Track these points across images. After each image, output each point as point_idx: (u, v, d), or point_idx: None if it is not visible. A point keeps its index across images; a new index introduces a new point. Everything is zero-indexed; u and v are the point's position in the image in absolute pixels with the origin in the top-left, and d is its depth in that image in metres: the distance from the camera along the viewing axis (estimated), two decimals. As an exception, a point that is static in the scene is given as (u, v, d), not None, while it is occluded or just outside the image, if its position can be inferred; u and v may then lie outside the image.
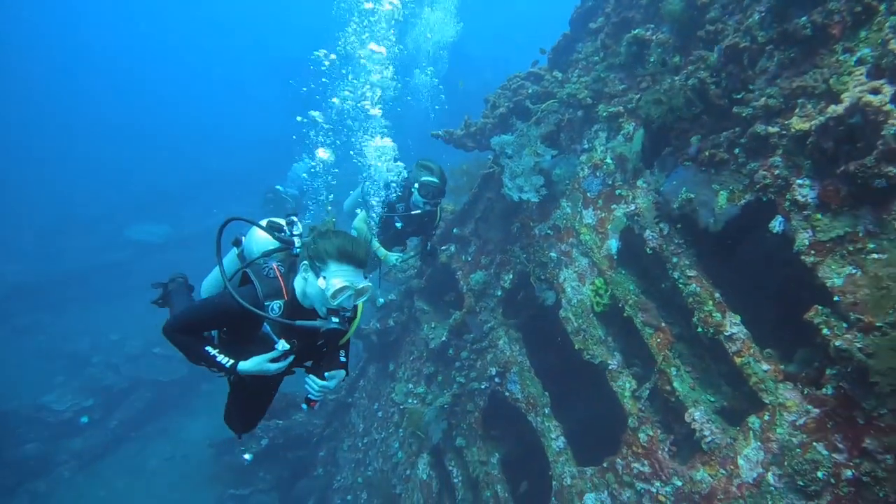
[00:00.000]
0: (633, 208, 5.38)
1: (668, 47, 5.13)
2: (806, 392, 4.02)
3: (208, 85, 35.05)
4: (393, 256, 6.34)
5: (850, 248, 3.81)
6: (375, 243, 6.26)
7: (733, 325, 4.49)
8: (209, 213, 21.70)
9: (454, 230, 8.12)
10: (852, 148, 3.80)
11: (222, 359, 2.96)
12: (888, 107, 3.56)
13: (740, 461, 4.31)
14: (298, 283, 3.03)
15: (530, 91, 6.44)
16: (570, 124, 6.25)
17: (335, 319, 2.92)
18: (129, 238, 21.12)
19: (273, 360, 3.02)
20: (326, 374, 3.17)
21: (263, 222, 3.46)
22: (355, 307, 3.19)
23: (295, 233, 3.32)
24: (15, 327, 16.87)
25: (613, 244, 5.61)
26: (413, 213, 6.10)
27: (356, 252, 2.94)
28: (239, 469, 12.55)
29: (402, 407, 8.59)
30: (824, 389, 3.88)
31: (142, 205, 22.97)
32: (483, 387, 7.09)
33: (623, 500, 5.19)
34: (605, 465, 5.41)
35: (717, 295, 4.64)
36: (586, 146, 6.09)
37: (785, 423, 4.07)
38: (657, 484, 4.92)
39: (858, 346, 3.62)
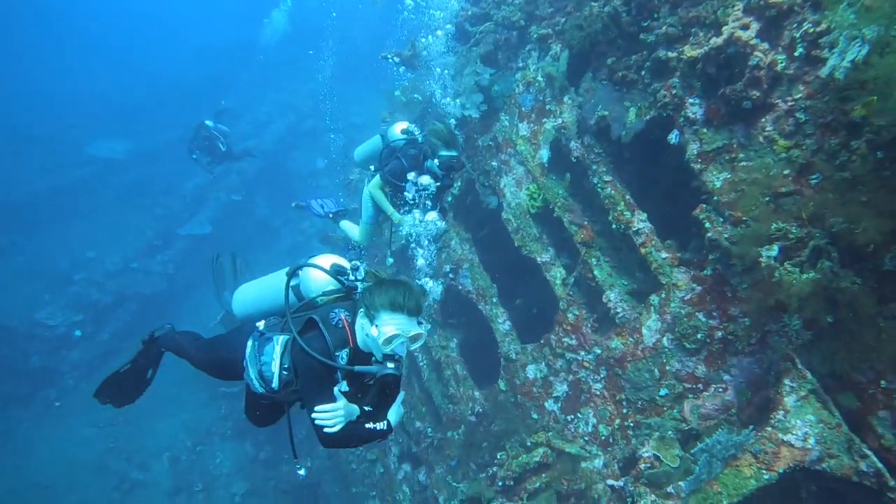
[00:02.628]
0: (560, 122, 5.96)
1: (591, -27, 5.53)
2: (693, 274, 4.93)
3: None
4: (408, 221, 6.06)
5: (727, 157, 4.60)
6: (390, 208, 6.00)
7: (640, 222, 5.27)
8: (168, 125, 21.02)
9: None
10: (730, 73, 4.49)
11: (379, 426, 3.07)
12: (754, 41, 4.24)
13: (644, 330, 5.24)
14: (358, 330, 3.08)
15: (469, 13, 6.77)
16: (507, 43, 6.61)
17: (391, 365, 2.97)
18: (92, 155, 20.32)
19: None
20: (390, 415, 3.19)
21: (327, 264, 3.46)
22: None
23: (358, 278, 3.36)
24: (-7, 249, 16.82)
25: (545, 154, 6.19)
26: (429, 189, 5.67)
27: (408, 302, 2.96)
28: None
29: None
30: (705, 271, 4.82)
31: (98, 120, 22.04)
32: (439, 282, 7.63)
33: (557, 368, 6.11)
34: (542, 341, 6.24)
35: (627, 196, 5.40)
36: (521, 65, 6.50)
37: (676, 298, 5.00)
38: (582, 353, 5.84)
39: (726, 236, 4.55)
